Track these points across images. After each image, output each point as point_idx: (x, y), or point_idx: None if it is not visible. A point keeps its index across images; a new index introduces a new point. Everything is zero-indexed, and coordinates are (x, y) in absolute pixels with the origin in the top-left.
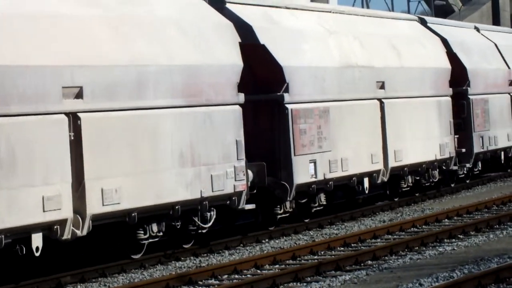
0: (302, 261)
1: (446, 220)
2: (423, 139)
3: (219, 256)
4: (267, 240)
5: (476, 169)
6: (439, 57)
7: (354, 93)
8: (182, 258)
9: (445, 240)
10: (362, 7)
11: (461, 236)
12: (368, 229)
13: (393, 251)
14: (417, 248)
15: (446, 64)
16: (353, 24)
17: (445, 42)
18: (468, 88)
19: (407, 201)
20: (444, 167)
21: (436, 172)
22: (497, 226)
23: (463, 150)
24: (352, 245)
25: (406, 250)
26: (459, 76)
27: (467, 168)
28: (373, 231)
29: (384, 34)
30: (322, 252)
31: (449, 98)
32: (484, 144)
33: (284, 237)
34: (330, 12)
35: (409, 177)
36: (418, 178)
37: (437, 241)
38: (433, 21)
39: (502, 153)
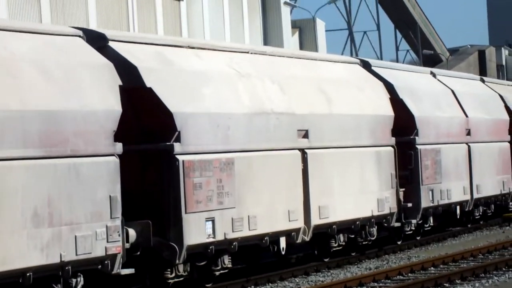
0: None
1: (432, 268)
2: (356, 193)
3: None
4: (252, 286)
5: (428, 225)
6: (380, 103)
7: (268, 142)
8: None
9: None
10: (351, 55)
11: (447, 285)
12: (354, 277)
13: None
14: None
15: (387, 111)
16: (274, 66)
17: (390, 87)
18: (416, 137)
19: (393, 249)
20: (385, 224)
21: (374, 230)
22: (483, 274)
23: (409, 204)
24: None
25: None
26: (406, 125)
27: (414, 224)
28: (359, 278)
29: (312, 77)
30: None
31: (391, 148)
32: (435, 198)
33: (270, 284)
34: (247, 52)
35: (341, 235)
36: (353, 236)
37: None
38: (379, 65)
39: (458, 207)
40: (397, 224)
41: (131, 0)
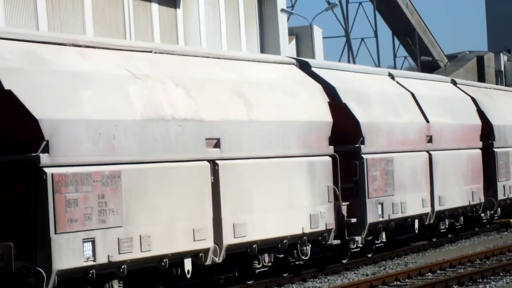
0: None
1: (429, 274)
2: (283, 209)
3: None
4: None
5: (379, 241)
6: (316, 108)
7: (167, 153)
8: None
9: None
10: (349, 61)
11: None
12: (350, 283)
13: None
14: None
15: (325, 116)
16: (183, 67)
17: (331, 90)
18: (362, 145)
19: (390, 255)
20: (322, 242)
21: (307, 248)
22: (480, 280)
23: (353, 220)
24: None
25: None
26: (351, 132)
27: (359, 241)
28: (356, 284)
29: (231, 79)
30: None
31: (328, 158)
32: (385, 212)
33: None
34: (150, 51)
35: (265, 255)
36: (282, 256)
37: None
38: (320, 65)
39: (417, 221)
40: (336, 242)
41: (128, 8)
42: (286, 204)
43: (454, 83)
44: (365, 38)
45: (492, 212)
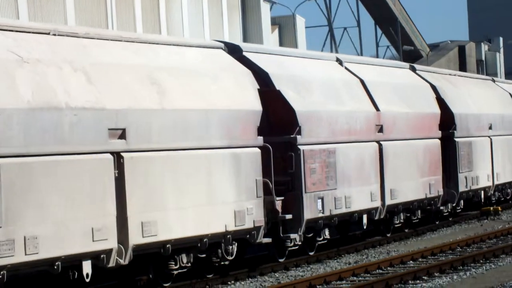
0: None
1: (411, 261)
2: (201, 206)
3: None
4: (232, 282)
5: (321, 238)
6: (243, 95)
7: (60, 145)
8: None
9: (410, 282)
10: (331, 51)
11: (426, 278)
12: (333, 271)
13: None
14: None
15: (253, 105)
16: (85, 51)
17: (265, 76)
18: (298, 136)
19: (372, 243)
20: (251, 241)
21: (232, 247)
22: (461, 267)
23: (288, 216)
24: (318, 286)
25: None
26: (287, 121)
27: (296, 239)
28: (339, 273)
29: (142, 64)
30: None
31: (256, 150)
32: (326, 207)
33: (250, 279)
34: (48, 33)
35: (183, 255)
36: (204, 256)
37: (402, 282)
38: (253, 50)
39: (365, 216)
40: (267, 240)
41: None
42: (205, 200)
43: (413, 69)
44: (348, 27)
45: (454, 204)
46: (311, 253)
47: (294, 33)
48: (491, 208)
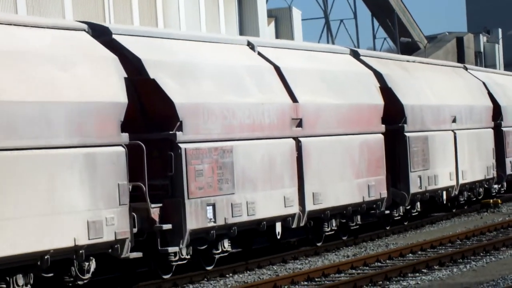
0: None
1: (410, 254)
2: (39, 215)
3: None
4: (231, 274)
5: (219, 251)
6: (102, 86)
7: None
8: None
9: (409, 275)
10: (328, 42)
11: (425, 271)
12: (332, 264)
13: (356, 286)
14: (381, 282)
15: (116, 96)
16: None
17: (137, 63)
18: (178, 132)
19: (371, 236)
20: (114, 256)
21: (89, 264)
22: (461, 260)
23: (166, 226)
24: (316, 280)
25: (370, 284)
26: (166, 114)
27: (182, 252)
28: (337, 265)
29: None
30: (286, 287)
31: (119, 150)
32: (219, 215)
33: (248, 272)
34: None
35: (19, 276)
36: (52, 275)
37: (401, 275)
38: (128, 32)
39: (278, 224)
40: (136, 255)
41: None
42: (45, 209)
43: (355, 55)
44: (344, 19)
45: (406, 206)
46: (209, 268)
47: (290, 25)
48: (491, 200)
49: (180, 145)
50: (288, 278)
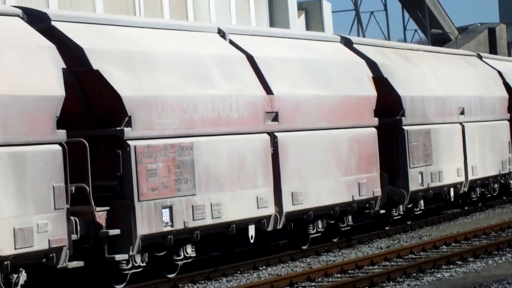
0: (299, 287)
1: (444, 246)
2: None
3: (216, 283)
4: (264, 267)
5: (181, 257)
6: (32, 77)
7: None
8: (180, 285)
9: (443, 267)
10: (358, 35)
11: (459, 263)
12: (365, 256)
13: (390, 278)
14: (414, 274)
15: (51, 89)
16: None
17: (79, 52)
18: (127, 128)
19: (404, 228)
20: (50, 265)
21: (18, 277)
22: (496, 252)
23: (113, 231)
24: (350, 272)
25: (403, 276)
26: (114, 109)
27: (136, 260)
28: (371, 257)
29: None
30: (319, 279)
31: (55, 148)
32: (177, 219)
33: (281, 264)
34: None
35: None
36: None
37: (435, 267)
38: (70, 19)
39: (252, 227)
40: (76, 264)
41: None
42: None
43: (347, 43)
44: (375, 11)
45: (408, 205)
46: (170, 276)
47: (320, 18)
48: None
49: (129, 142)
50: (322, 270)
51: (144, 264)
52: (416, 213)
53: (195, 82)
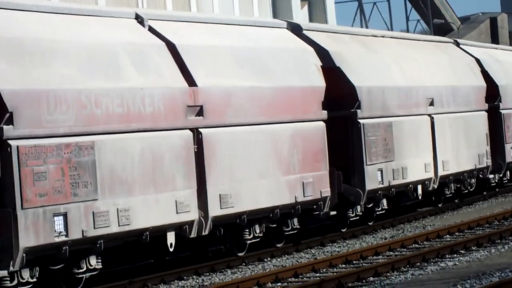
0: (304, 278)
1: (447, 236)
2: None
3: (221, 275)
4: (269, 258)
5: (84, 269)
6: None
7: None
8: (185, 277)
9: (447, 256)
10: (361, 26)
11: (463, 251)
12: (369, 246)
13: (394, 267)
14: (418, 264)
15: None
16: None
17: None
18: (7, 127)
19: (408, 218)
20: None
21: None
22: (499, 240)
23: None
24: (354, 262)
25: (408, 266)
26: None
27: (23, 275)
28: (375, 248)
29: None
30: (324, 270)
31: None
32: (73, 227)
33: (286, 255)
34: None
35: None
36: None
37: (439, 256)
38: None
39: (171, 234)
40: None
41: None
42: None
43: (296, 29)
44: (377, 2)
45: (366, 205)
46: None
47: (324, 8)
48: None
49: (10, 142)
50: (326, 261)
51: (34, 280)
52: (378, 213)
53: (99, 74)
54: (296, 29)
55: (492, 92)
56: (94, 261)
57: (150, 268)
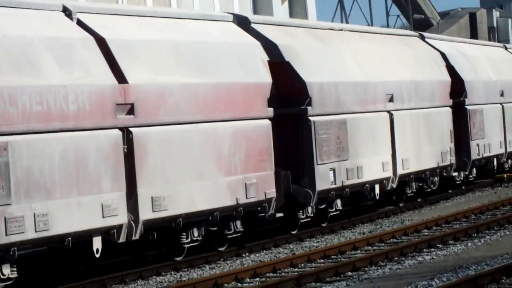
0: (283, 273)
1: (425, 230)
2: None
3: (199, 270)
4: (247, 254)
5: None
6: None
7: None
8: (163, 273)
9: (424, 250)
10: (341, 21)
11: (440, 246)
12: (348, 241)
13: (372, 262)
14: (396, 258)
15: None
16: None
17: None
18: None
19: (386, 213)
20: None
21: None
22: (475, 234)
23: None
24: (332, 257)
25: (385, 260)
26: None
27: None
28: (353, 243)
29: None
30: (302, 265)
31: None
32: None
33: (264, 251)
34: None
35: None
36: None
37: (416, 251)
38: None
39: (97, 239)
40: None
41: None
42: None
43: (244, 22)
44: None
45: (320, 206)
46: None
47: (304, 4)
48: (505, 175)
49: None
50: (305, 256)
51: None
52: (331, 214)
53: (14, 70)
54: (243, 22)
55: (458, 88)
56: (7, 270)
57: (125, 265)
